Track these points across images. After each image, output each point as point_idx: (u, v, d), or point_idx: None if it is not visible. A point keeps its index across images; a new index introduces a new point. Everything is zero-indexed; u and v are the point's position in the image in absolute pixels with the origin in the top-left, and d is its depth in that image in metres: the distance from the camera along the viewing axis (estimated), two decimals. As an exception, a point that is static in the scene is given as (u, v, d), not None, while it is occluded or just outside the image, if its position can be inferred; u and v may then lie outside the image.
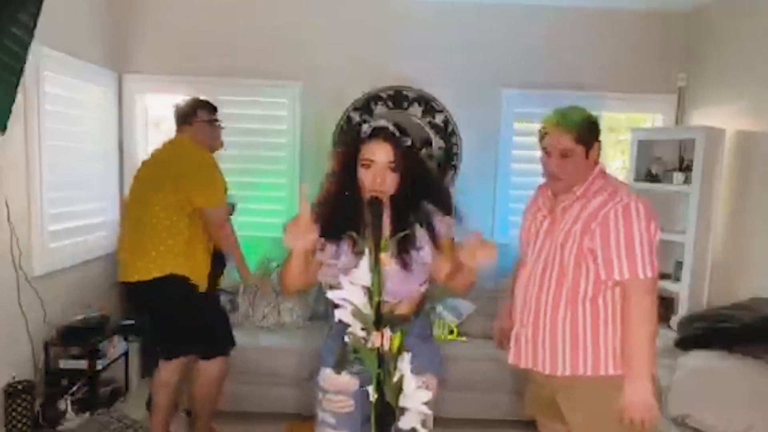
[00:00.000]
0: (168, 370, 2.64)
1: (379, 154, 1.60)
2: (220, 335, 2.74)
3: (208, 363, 2.68)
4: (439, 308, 3.32)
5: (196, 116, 2.72)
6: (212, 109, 2.79)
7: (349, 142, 1.73)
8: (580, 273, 1.77)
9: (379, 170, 1.60)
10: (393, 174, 1.61)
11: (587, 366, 1.78)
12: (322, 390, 1.75)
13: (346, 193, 1.66)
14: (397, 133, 1.64)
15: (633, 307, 1.72)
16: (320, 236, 1.67)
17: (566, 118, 1.79)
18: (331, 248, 1.68)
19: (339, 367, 1.55)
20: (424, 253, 1.70)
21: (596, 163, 1.82)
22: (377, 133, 1.63)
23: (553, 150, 1.79)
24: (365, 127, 1.66)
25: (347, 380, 1.70)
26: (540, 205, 1.95)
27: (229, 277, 3.12)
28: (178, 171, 2.57)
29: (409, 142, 1.66)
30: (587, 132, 1.78)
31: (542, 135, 1.84)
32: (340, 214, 1.67)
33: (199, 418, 2.79)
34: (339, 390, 1.72)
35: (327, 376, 1.73)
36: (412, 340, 1.55)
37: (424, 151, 3.80)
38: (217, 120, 2.81)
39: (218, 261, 2.81)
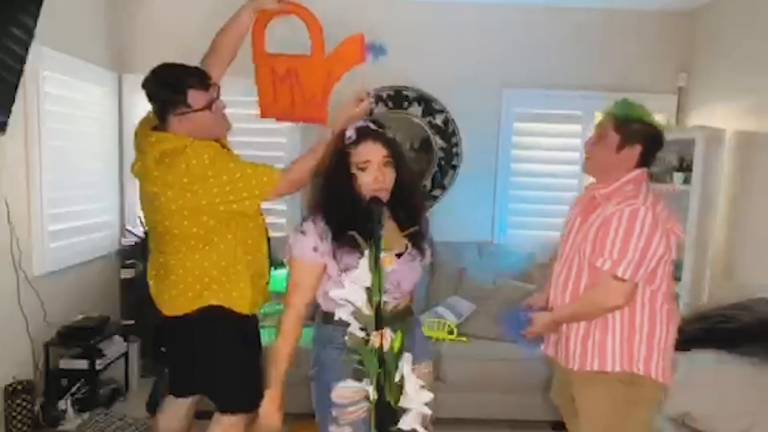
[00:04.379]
0: (173, 412, 2.23)
1: (374, 153, 1.61)
2: (245, 383, 2.05)
3: (222, 417, 2.09)
4: (440, 308, 3.32)
5: (188, 104, 1.87)
6: (205, 81, 1.94)
7: (336, 150, 1.69)
8: (594, 276, 1.82)
9: (378, 169, 1.61)
10: (390, 169, 1.63)
11: (594, 363, 1.83)
12: (339, 406, 1.62)
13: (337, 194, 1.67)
14: (376, 128, 1.66)
15: (597, 289, 1.80)
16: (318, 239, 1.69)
17: (622, 107, 1.89)
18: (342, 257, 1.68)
19: (359, 376, 1.44)
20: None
21: (635, 167, 1.85)
22: (363, 135, 1.63)
23: (595, 128, 1.94)
24: (348, 132, 1.64)
25: (362, 386, 1.63)
26: (578, 203, 2.03)
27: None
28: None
29: (390, 134, 1.68)
30: (631, 128, 1.83)
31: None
32: (337, 216, 1.67)
33: None
34: (355, 399, 1.60)
35: (345, 390, 1.57)
36: (408, 329, 1.56)
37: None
38: (216, 98, 1.98)
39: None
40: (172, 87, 1.87)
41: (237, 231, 1.94)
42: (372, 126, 1.66)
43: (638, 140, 1.83)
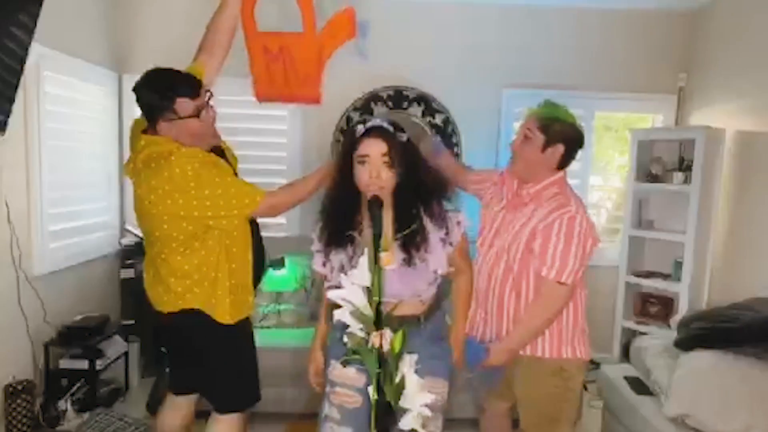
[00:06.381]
0: (173, 412, 2.22)
1: (373, 149, 1.61)
2: (239, 384, 2.10)
3: (220, 417, 2.10)
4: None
5: (174, 111, 1.84)
6: (195, 89, 1.89)
7: (345, 142, 1.74)
8: (524, 271, 1.91)
9: (373, 165, 1.61)
10: (388, 169, 1.61)
11: (527, 348, 1.93)
12: (331, 383, 1.76)
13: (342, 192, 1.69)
14: (392, 130, 1.64)
15: (542, 298, 1.88)
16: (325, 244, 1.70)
17: (546, 108, 1.95)
18: (336, 257, 1.69)
19: (345, 360, 1.55)
20: (433, 254, 1.69)
21: (557, 168, 1.94)
22: (370, 130, 1.64)
23: (521, 130, 1.97)
24: (360, 127, 1.66)
25: (354, 374, 1.70)
26: (500, 194, 2.06)
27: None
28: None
29: (405, 138, 1.66)
30: (555, 129, 1.90)
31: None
32: (339, 214, 1.68)
33: None
34: (346, 383, 1.72)
35: (335, 368, 1.74)
36: (421, 342, 1.55)
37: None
38: (206, 105, 1.91)
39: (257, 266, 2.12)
40: (160, 93, 1.85)
41: (220, 238, 1.92)
42: (384, 125, 1.65)
43: (560, 140, 1.90)
